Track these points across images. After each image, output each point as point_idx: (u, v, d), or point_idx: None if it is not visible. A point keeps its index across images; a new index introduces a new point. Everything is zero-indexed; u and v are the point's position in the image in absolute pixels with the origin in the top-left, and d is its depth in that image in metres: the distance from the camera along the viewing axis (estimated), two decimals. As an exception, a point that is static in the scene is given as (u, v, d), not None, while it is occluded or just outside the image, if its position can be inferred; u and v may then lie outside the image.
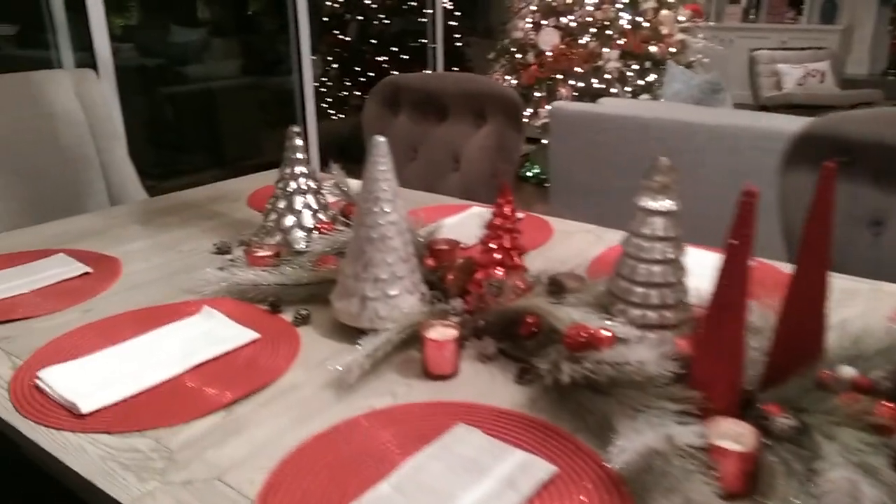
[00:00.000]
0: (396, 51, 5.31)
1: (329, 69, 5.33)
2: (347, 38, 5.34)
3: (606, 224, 1.49)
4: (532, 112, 4.41)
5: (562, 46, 4.32)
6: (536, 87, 4.42)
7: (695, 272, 0.89)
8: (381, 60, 5.30)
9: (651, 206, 0.83)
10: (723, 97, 3.11)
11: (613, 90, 4.21)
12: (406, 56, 5.32)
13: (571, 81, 4.32)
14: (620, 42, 4.22)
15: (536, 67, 4.38)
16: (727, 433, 0.69)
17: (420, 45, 5.31)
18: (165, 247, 1.39)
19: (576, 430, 0.78)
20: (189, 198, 1.73)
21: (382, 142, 0.96)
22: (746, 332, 0.71)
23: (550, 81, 4.38)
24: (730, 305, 0.68)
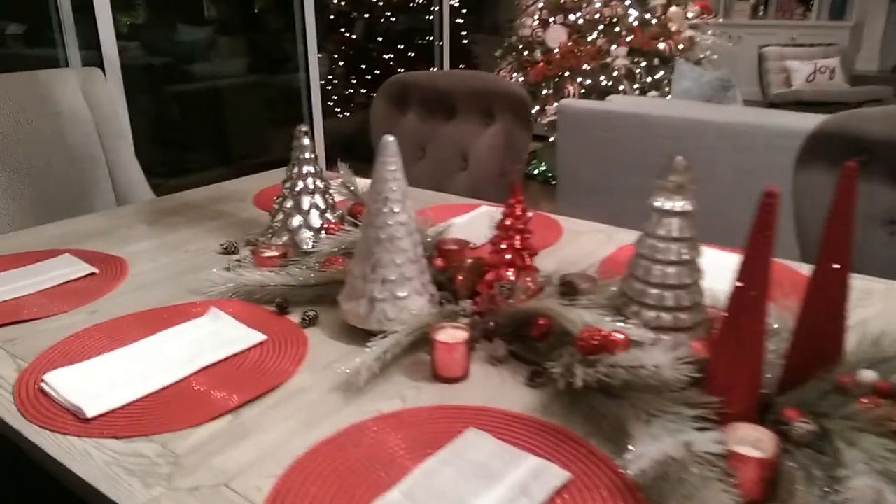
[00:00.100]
0: (403, 48, 5.30)
1: (335, 67, 5.31)
2: (354, 36, 5.33)
3: (614, 222, 1.48)
4: (539, 109, 4.38)
5: (569, 43, 4.29)
6: (544, 85, 4.40)
7: (706, 272, 0.87)
8: (388, 58, 5.29)
9: (666, 207, 0.81)
10: (733, 94, 3.09)
11: (621, 87, 4.18)
12: (412, 54, 5.31)
13: (579, 79, 4.30)
14: (628, 39, 4.19)
15: (544, 65, 4.36)
16: (745, 439, 0.67)
17: (427, 43, 5.30)
18: (172, 247, 1.38)
19: (588, 435, 0.77)
20: (195, 197, 1.72)
21: (392, 141, 0.94)
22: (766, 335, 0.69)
23: (558, 79, 4.36)
24: (750, 308, 0.66)
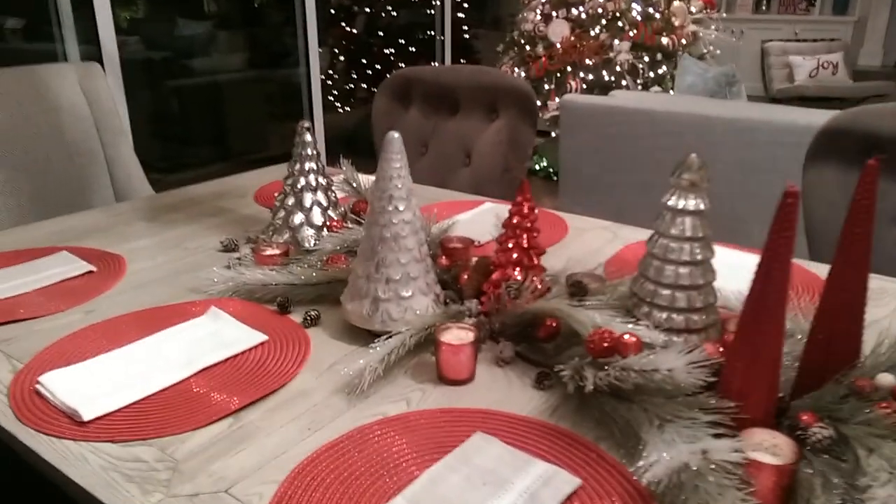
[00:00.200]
0: (404, 43, 5.27)
1: (336, 62, 5.28)
2: (355, 31, 5.29)
3: (617, 219, 1.46)
4: (541, 105, 4.35)
5: (572, 38, 4.26)
6: (546, 80, 4.37)
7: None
8: (389, 53, 5.26)
9: (679, 205, 0.79)
10: (738, 90, 3.06)
11: (624, 83, 4.15)
12: (413, 48, 5.28)
13: (581, 74, 4.27)
14: (632, 34, 4.16)
15: (546, 60, 4.33)
16: (762, 445, 0.65)
17: (428, 38, 5.26)
18: (171, 244, 1.35)
19: (598, 439, 0.75)
20: (195, 193, 1.70)
21: (397, 137, 0.92)
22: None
23: (560, 74, 4.33)
24: (768, 310, 0.64)
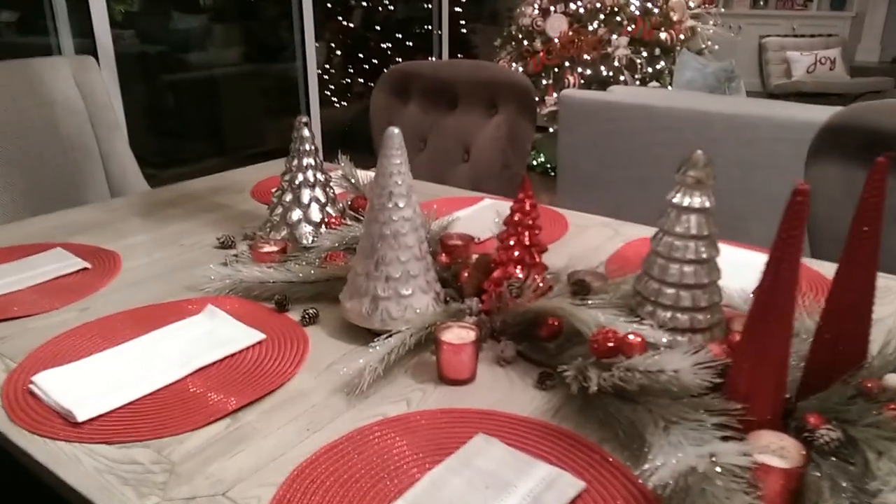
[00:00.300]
0: (401, 37, 5.24)
1: (332, 56, 5.25)
2: (351, 25, 5.26)
3: (615, 215, 1.44)
4: (539, 100, 4.33)
5: (570, 33, 4.24)
6: (543, 75, 4.35)
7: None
8: (386, 47, 5.23)
9: (685, 203, 0.77)
10: (737, 85, 3.05)
11: (622, 78, 4.13)
12: (411, 43, 5.25)
13: (579, 69, 4.25)
14: (630, 29, 4.15)
15: (544, 54, 4.31)
16: (769, 447, 0.64)
17: (425, 32, 5.24)
18: (167, 241, 1.34)
19: (602, 441, 0.74)
20: (191, 189, 1.68)
21: (397, 133, 0.90)
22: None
23: (557, 69, 4.31)
24: (776, 310, 0.63)
